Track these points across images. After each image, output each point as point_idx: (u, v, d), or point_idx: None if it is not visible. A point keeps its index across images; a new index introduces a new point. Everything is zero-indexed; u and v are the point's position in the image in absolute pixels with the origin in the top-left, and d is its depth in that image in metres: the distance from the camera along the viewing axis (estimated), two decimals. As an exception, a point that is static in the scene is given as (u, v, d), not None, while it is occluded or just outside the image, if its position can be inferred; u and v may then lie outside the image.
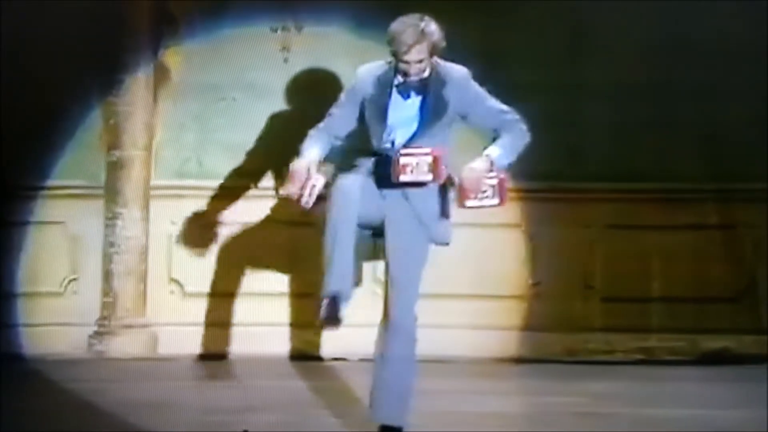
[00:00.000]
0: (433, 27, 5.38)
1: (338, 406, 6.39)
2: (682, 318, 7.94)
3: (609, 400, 6.80)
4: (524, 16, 7.96)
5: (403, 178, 5.29)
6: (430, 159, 5.28)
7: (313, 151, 5.45)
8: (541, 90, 7.86)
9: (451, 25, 5.52)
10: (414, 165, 5.30)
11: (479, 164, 5.31)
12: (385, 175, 5.37)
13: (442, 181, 5.33)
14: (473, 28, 7.72)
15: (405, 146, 5.35)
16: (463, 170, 5.30)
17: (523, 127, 5.51)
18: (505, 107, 5.50)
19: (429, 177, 5.28)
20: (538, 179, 7.83)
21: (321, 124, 5.57)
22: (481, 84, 5.52)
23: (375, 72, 5.48)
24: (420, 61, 5.35)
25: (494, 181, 5.32)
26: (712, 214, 8.03)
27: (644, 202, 7.95)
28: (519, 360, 7.90)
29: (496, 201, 5.35)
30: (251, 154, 7.96)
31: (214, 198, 7.99)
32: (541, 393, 7.05)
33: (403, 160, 5.29)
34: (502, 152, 5.38)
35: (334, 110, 5.58)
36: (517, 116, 5.50)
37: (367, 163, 5.45)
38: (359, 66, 5.71)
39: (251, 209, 7.93)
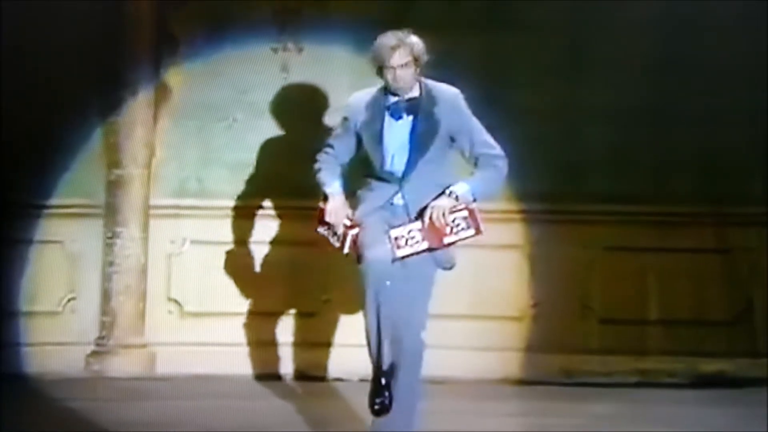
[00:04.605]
0: (414, 38, 5.44)
1: (338, 427, 6.39)
2: (680, 340, 7.95)
3: (606, 421, 6.80)
4: (524, 40, 7.99)
5: (400, 253, 5.31)
6: (419, 225, 5.31)
7: (336, 185, 5.49)
8: (540, 112, 7.90)
9: (451, 47, 5.55)
10: (407, 236, 5.34)
11: (442, 201, 5.33)
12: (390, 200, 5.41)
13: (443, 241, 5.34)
14: (473, 51, 7.76)
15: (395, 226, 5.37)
16: (428, 209, 5.32)
17: (502, 165, 5.48)
18: (490, 141, 5.49)
19: (425, 245, 5.31)
20: (538, 200, 7.87)
21: (324, 155, 5.59)
22: (483, 105, 5.53)
23: (366, 98, 5.52)
24: (404, 66, 5.36)
25: (464, 213, 5.32)
26: (709, 237, 8.05)
27: (642, 224, 7.96)
28: (517, 381, 7.90)
29: (471, 232, 5.36)
30: (251, 174, 7.98)
31: (213, 217, 7.99)
32: (539, 414, 7.05)
33: (394, 234, 5.32)
34: (469, 188, 5.38)
35: (332, 142, 5.62)
36: (500, 152, 5.48)
37: (381, 190, 5.45)
38: (358, 87, 5.75)
39: (251, 228, 7.94)
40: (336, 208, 5.50)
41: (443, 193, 5.36)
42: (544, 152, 7.86)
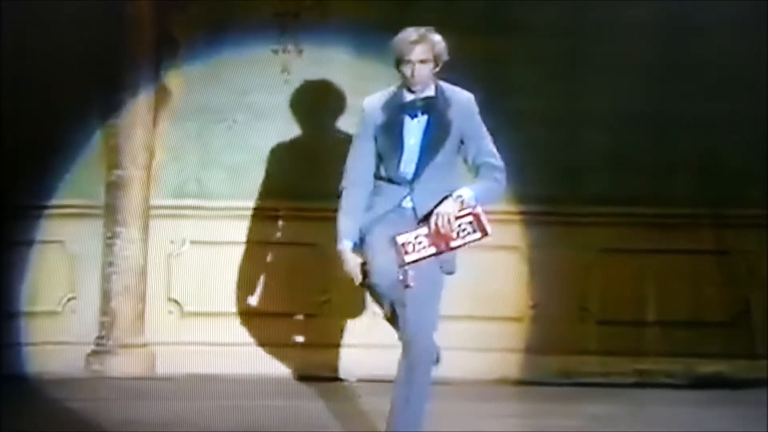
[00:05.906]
0: (437, 37, 5.44)
1: (339, 427, 6.41)
2: (677, 342, 7.97)
3: (604, 422, 6.82)
4: (524, 42, 8.01)
5: (408, 258, 5.32)
6: (425, 231, 5.32)
7: (346, 242, 5.44)
8: (539, 114, 7.91)
9: (452, 53, 5.57)
10: (414, 241, 5.34)
11: (447, 207, 5.31)
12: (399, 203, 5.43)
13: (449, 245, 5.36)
14: (472, 54, 7.76)
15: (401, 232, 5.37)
16: (433, 215, 5.31)
17: (501, 178, 5.48)
18: (494, 151, 5.49)
19: (432, 249, 5.32)
20: (537, 202, 7.88)
21: (351, 179, 5.47)
22: (482, 108, 5.55)
23: (382, 99, 5.49)
24: (423, 63, 5.36)
25: (469, 218, 5.34)
26: (707, 239, 8.06)
27: (640, 226, 7.98)
28: (515, 382, 7.92)
29: (478, 235, 5.36)
30: (250, 175, 8.00)
31: (213, 218, 8.02)
32: (537, 415, 7.06)
33: (400, 240, 5.32)
34: (473, 194, 5.36)
35: (355, 155, 5.50)
36: (501, 164, 5.49)
37: (391, 193, 5.46)
38: (358, 89, 5.75)
39: (250, 229, 7.96)
40: (348, 267, 5.48)
41: (449, 197, 5.36)
42: (542, 154, 7.87)
